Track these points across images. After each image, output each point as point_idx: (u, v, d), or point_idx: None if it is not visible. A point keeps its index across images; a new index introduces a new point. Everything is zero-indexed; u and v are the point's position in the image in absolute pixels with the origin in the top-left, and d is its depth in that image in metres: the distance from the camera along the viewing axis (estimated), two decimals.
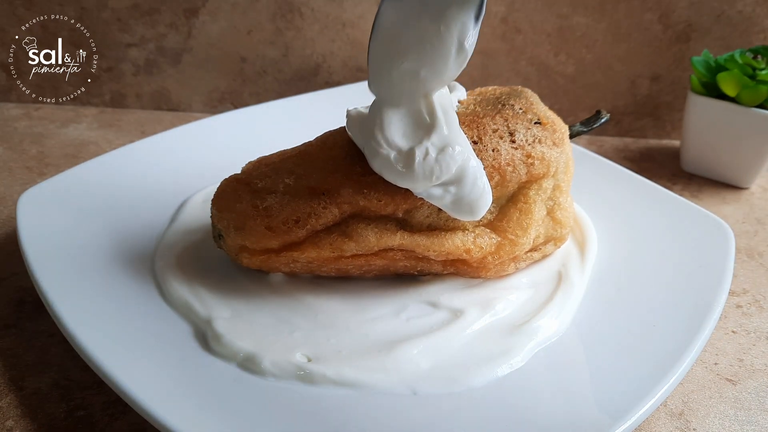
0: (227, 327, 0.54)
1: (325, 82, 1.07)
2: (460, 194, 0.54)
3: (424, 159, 0.53)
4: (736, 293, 0.69)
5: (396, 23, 0.54)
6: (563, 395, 0.50)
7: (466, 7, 0.52)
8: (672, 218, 0.69)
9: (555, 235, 0.62)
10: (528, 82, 1.04)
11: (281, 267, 0.59)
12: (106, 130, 1.02)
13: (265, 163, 0.60)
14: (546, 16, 1.00)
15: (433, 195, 0.55)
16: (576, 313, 0.58)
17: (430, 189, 0.54)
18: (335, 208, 0.56)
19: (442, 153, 0.53)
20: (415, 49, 0.53)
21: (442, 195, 0.55)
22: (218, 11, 1.02)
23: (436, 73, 0.54)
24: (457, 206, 0.55)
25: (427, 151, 0.53)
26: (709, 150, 0.90)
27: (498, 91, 0.65)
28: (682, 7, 0.97)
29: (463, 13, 0.52)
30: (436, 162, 0.53)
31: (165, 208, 0.71)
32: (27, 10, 1.01)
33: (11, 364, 0.57)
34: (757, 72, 0.83)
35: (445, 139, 0.54)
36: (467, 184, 0.54)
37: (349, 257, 0.57)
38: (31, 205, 0.66)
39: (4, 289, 0.66)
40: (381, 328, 0.55)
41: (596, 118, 0.68)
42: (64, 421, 0.51)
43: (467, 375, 0.51)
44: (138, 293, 0.58)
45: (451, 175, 0.54)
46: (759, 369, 0.59)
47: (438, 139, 0.54)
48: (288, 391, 0.50)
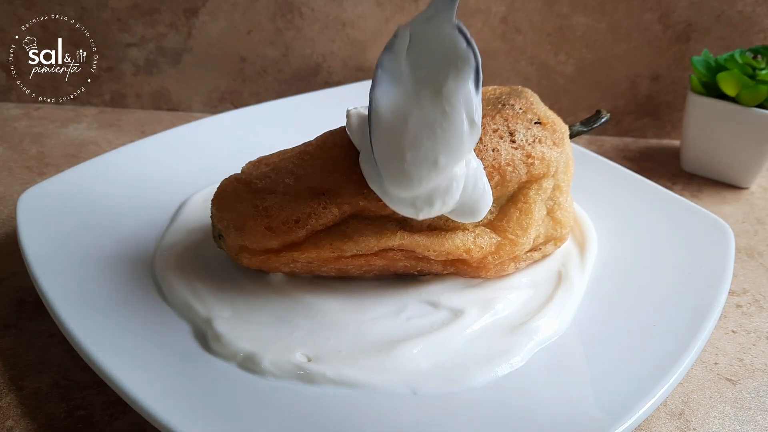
0: (227, 327, 0.54)
1: (325, 82, 1.07)
2: (462, 199, 0.54)
3: (429, 207, 0.53)
4: (736, 293, 0.69)
5: (396, 111, 0.52)
6: (563, 395, 0.50)
7: (462, 78, 0.50)
8: (672, 218, 0.69)
9: (555, 235, 0.62)
10: (528, 82, 1.04)
11: (281, 267, 0.59)
12: (106, 130, 1.02)
13: (265, 163, 0.60)
14: (546, 16, 1.00)
15: (435, 206, 0.54)
16: (576, 313, 0.58)
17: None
18: (335, 209, 0.56)
19: (447, 194, 0.53)
20: (426, 136, 0.51)
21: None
22: (218, 11, 1.02)
23: (454, 155, 0.52)
24: (459, 210, 0.55)
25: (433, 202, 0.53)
26: (709, 150, 0.90)
27: (498, 91, 0.65)
28: (682, 7, 0.97)
29: (461, 84, 0.50)
30: (441, 202, 0.53)
31: (165, 208, 0.71)
32: (27, 10, 1.01)
33: (11, 364, 0.57)
34: (757, 72, 0.83)
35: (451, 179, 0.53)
36: (468, 188, 0.54)
37: (349, 257, 0.57)
38: (31, 205, 0.66)
39: (4, 289, 0.66)
40: (381, 328, 0.55)
41: (596, 118, 0.68)
42: (64, 421, 0.51)
43: (467, 375, 0.51)
44: (138, 293, 0.58)
45: (454, 203, 0.54)
46: (759, 369, 0.59)
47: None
48: (288, 391, 0.50)
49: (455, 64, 0.51)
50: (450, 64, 0.51)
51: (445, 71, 0.51)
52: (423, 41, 0.52)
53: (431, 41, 0.52)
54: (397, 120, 0.52)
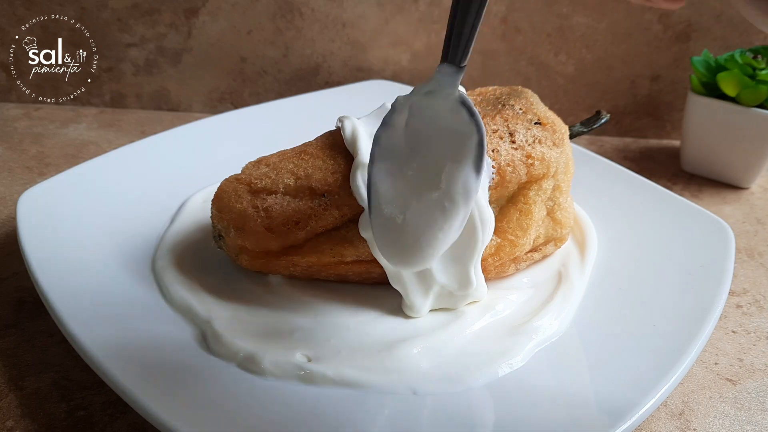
0: (227, 327, 0.54)
1: (325, 82, 1.07)
2: None
3: None
4: (736, 293, 0.69)
5: (394, 201, 0.49)
6: (563, 395, 0.50)
7: (463, 159, 0.47)
8: (672, 218, 0.69)
9: (555, 235, 0.62)
10: (528, 82, 1.04)
11: (281, 271, 0.59)
12: (106, 130, 1.02)
13: (265, 163, 0.60)
14: (546, 16, 1.00)
15: None
16: (576, 313, 0.58)
17: None
18: (335, 210, 0.56)
19: None
20: (427, 241, 0.49)
21: None
22: (218, 11, 1.02)
23: (472, 251, 0.54)
24: None
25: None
26: (709, 150, 0.90)
27: (498, 91, 0.65)
28: (682, 7, 0.96)
29: (462, 168, 0.47)
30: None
31: (165, 208, 0.71)
32: (27, 10, 1.01)
33: (11, 364, 0.57)
34: (757, 72, 0.83)
35: None
36: None
37: (349, 263, 0.57)
38: (31, 205, 0.66)
39: (4, 289, 0.66)
40: (381, 328, 0.55)
41: (596, 119, 0.68)
42: (64, 421, 0.51)
43: (467, 375, 0.51)
44: (138, 293, 0.58)
45: None
46: (759, 369, 0.59)
47: None
48: (288, 391, 0.50)
49: (456, 143, 0.48)
50: (450, 143, 0.48)
51: (445, 152, 0.48)
52: (423, 117, 0.49)
53: (431, 117, 0.49)
54: (396, 211, 0.49)
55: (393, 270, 0.55)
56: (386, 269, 0.56)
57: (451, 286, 0.56)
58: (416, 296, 0.56)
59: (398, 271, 0.55)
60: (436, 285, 0.56)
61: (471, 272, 0.55)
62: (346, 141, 0.58)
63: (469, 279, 0.56)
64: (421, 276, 0.55)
